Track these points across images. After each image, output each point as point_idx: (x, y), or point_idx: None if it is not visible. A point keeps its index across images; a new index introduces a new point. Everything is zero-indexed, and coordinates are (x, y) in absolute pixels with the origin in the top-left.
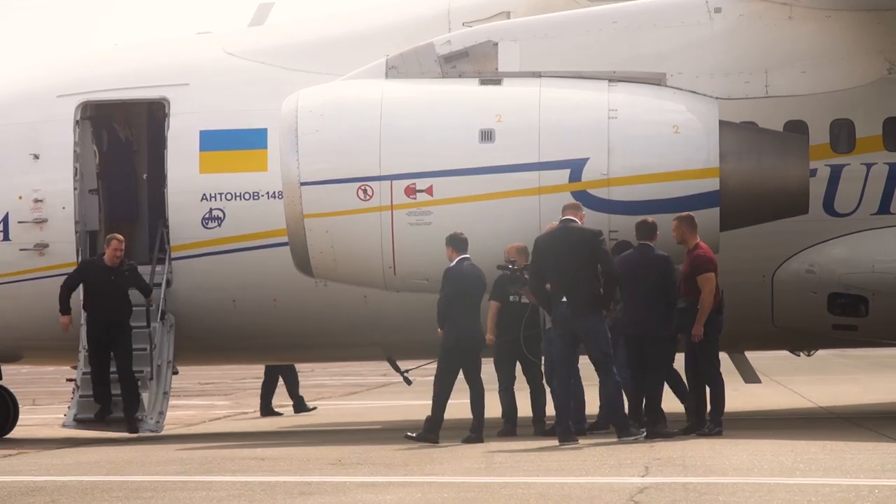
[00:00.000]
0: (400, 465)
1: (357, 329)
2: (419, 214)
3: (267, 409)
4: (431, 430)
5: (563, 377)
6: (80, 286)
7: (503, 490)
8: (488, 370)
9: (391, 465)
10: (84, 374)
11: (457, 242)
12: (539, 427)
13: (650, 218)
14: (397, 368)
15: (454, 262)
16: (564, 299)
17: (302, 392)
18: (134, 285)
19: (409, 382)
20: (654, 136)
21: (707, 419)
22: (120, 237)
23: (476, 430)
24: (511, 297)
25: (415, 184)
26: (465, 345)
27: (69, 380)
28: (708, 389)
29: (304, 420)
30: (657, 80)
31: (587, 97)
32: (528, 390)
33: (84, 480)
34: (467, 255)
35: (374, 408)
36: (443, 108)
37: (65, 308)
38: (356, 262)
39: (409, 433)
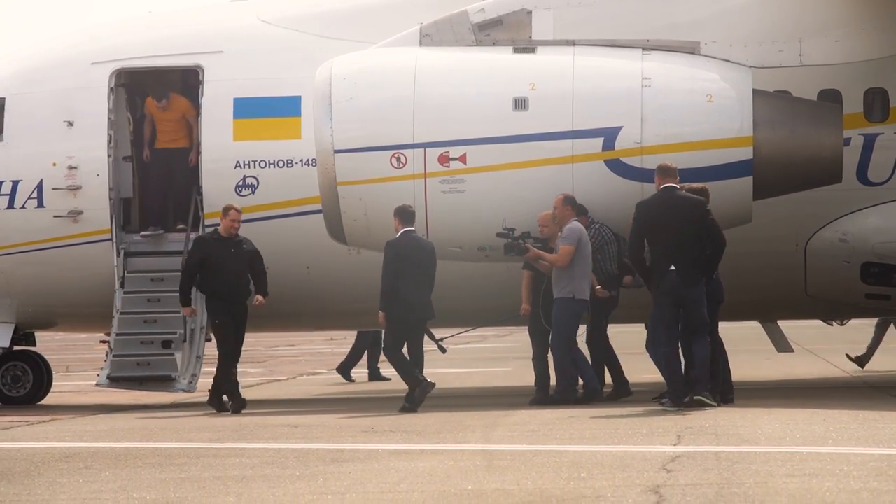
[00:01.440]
0: (432, 433)
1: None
2: (452, 182)
3: (374, 375)
4: (414, 386)
5: (671, 343)
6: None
7: (535, 458)
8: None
9: (423, 433)
10: (118, 335)
11: (403, 214)
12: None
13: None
14: (431, 336)
15: (398, 235)
16: (673, 267)
17: (333, 359)
18: (250, 262)
19: (443, 351)
20: (688, 104)
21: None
22: (238, 207)
23: (411, 400)
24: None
25: (448, 152)
26: (413, 314)
27: (103, 341)
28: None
29: (336, 388)
30: (691, 49)
31: (621, 65)
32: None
33: (117, 447)
34: (412, 228)
35: None
36: (476, 77)
37: (186, 298)
38: (389, 229)
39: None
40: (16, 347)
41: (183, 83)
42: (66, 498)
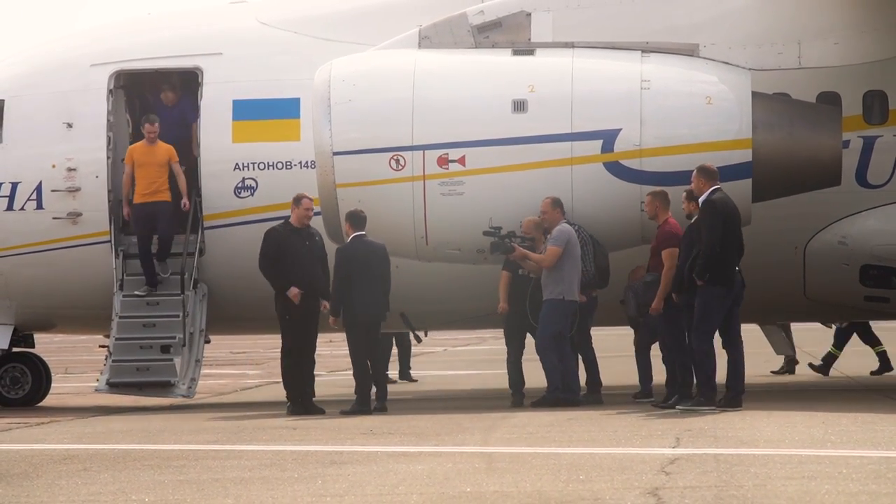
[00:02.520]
0: (431, 435)
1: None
2: (451, 184)
3: (405, 375)
4: (364, 403)
5: (732, 343)
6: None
7: (534, 460)
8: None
9: (422, 435)
10: (117, 339)
11: (354, 219)
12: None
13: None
14: (410, 326)
15: (348, 240)
16: (738, 268)
17: (332, 362)
18: (319, 255)
19: (419, 340)
20: (687, 106)
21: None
22: (310, 196)
23: (378, 400)
24: (520, 272)
25: (447, 154)
26: (365, 319)
27: (102, 346)
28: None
29: (333, 390)
30: (690, 51)
31: (620, 68)
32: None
33: (116, 448)
34: (363, 232)
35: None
36: (475, 79)
37: (280, 282)
38: (388, 231)
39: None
40: (15, 349)
41: (182, 85)
42: (64, 500)
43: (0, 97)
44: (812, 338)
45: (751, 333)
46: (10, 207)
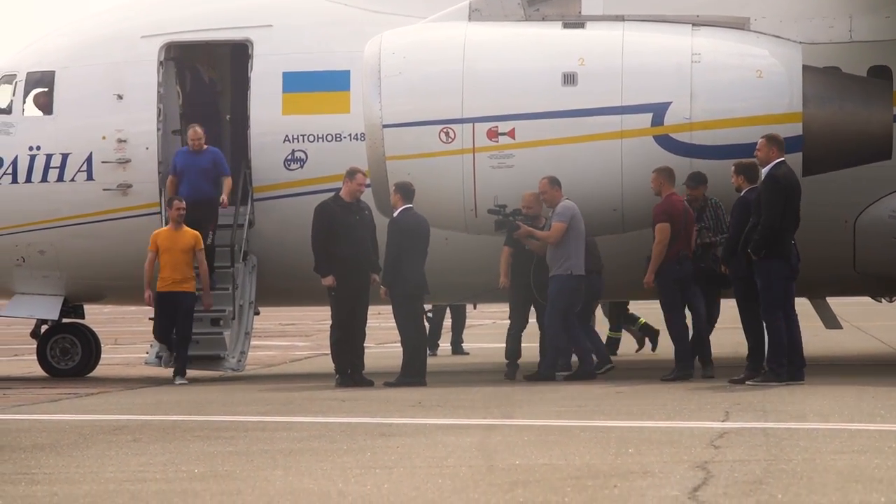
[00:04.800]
0: (480, 408)
1: (437, 271)
2: (501, 157)
3: (458, 349)
4: (417, 374)
5: (787, 316)
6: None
7: (583, 433)
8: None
9: (471, 408)
10: None
11: (404, 190)
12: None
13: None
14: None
15: (398, 212)
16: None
17: (381, 334)
18: (369, 229)
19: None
20: (737, 80)
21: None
22: (364, 170)
23: (412, 375)
24: (527, 248)
25: (497, 126)
26: (414, 291)
27: (151, 318)
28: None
29: (382, 363)
30: (741, 25)
31: (670, 41)
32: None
33: (166, 420)
34: (412, 205)
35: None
36: (526, 52)
37: (325, 268)
38: (437, 204)
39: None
40: (65, 320)
41: (232, 57)
42: (114, 470)
43: (51, 68)
44: (860, 312)
45: (799, 307)
46: (60, 178)
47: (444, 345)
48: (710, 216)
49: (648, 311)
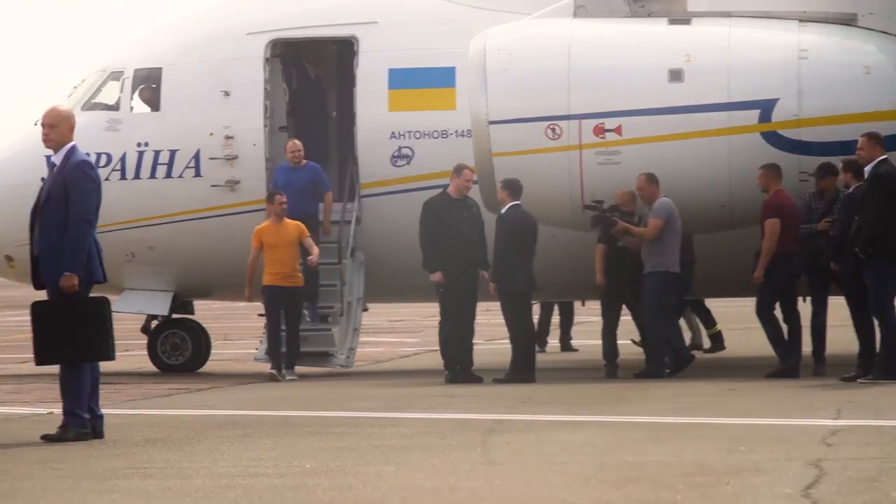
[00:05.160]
0: (590, 405)
1: (545, 268)
2: (608, 154)
3: (566, 346)
4: (525, 370)
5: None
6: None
7: (694, 431)
8: None
9: (581, 404)
10: None
11: (512, 187)
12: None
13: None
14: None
15: (506, 208)
16: None
17: (489, 331)
18: (477, 225)
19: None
20: (845, 77)
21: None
22: (472, 167)
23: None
24: (619, 244)
25: (603, 123)
26: (523, 288)
27: (261, 314)
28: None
29: (490, 359)
30: (848, 21)
31: (777, 37)
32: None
33: (276, 415)
34: (519, 202)
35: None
36: (631, 48)
37: (433, 264)
38: (544, 201)
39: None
40: (175, 315)
41: (338, 54)
42: (226, 465)
43: (158, 65)
44: None
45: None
46: (168, 175)
47: (553, 341)
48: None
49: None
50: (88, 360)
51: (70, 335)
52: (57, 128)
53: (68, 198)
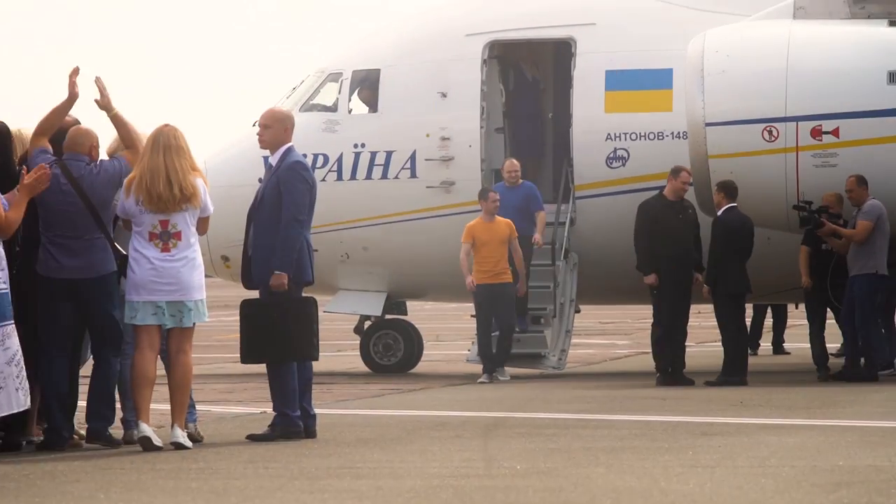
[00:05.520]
0: (801, 408)
1: (759, 270)
2: (825, 156)
3: (779, 349)
4: (738, 373)
5: None
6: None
7: None
8: None
9: (793, 408)
10: None
11: (728, 189)
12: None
13: None
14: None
15: (723, 211)
16: None
17: (701, 333)
18: (693, 227)
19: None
20: None
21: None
22: (689, 169)
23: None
24: (823, 246)
25: (821, 125)
26: (738, 291)
27: (473, 315)
28: None
29: (704, 362)
30: None
31: None
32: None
33: (487, 416)
34: (735, 204)
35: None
36: (850, 50)
37: (647, 265)
38: (760, 203)
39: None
40: (388, 316)
41: (555, 55)
42: (438, 465)
43: (376, 66)
44: None
45: None
46: (384, 176)
47: (766, 344)
48: None
49: None
50: (292, 360)
51: (276, 334)
52: (270, 128)
53: (282, 198)
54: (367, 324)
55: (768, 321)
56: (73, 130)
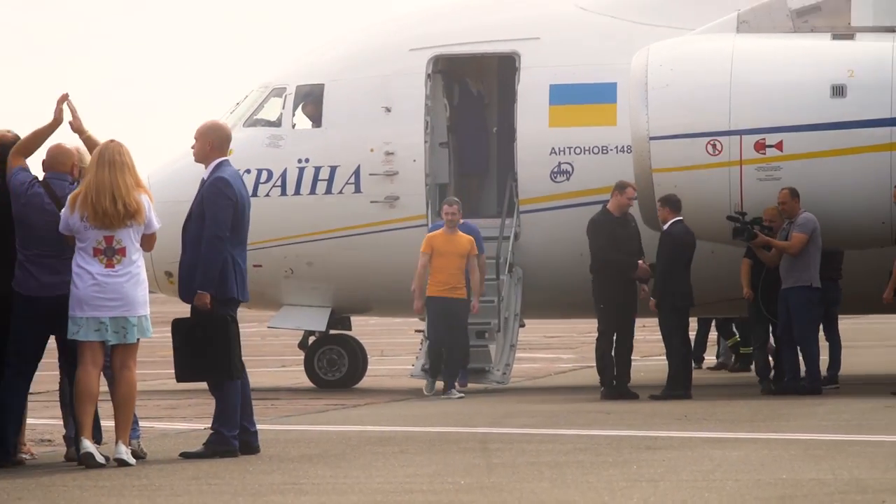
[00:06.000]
0: (745, 421)
1: (703, 283)
2: (768, 170)
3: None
4: (682, 387)
5: None
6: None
7: (850, 448)
8: None
9: (737, 421)
10: None
11: (672, 203)
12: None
13: None
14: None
15: (670, 224)
16: None
17: (646, 347)
18: (636, 241)
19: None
20: None
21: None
22: (634, 185)
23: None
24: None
25: (765, 139)
26: (682, 304)
27: (418, 330)
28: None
29: (648, 376)
30: None
31: None
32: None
33: (431, 431)
34: (681, 217)
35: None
36: (794, 63)
37: (631, 264)
38: (705, 216)
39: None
40: (332, 331)
41: (499, 70)
42: (381, 481)
43: (320, 81)
44: None
45: None
46: (328, 191)
47: (710, 357)
48: None
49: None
50: (216, 379)
51: (196, 353)
52: (197, 143)
53: (204, 215)
54: (312, 339)
55: (713, 335)
56: (55, 149)
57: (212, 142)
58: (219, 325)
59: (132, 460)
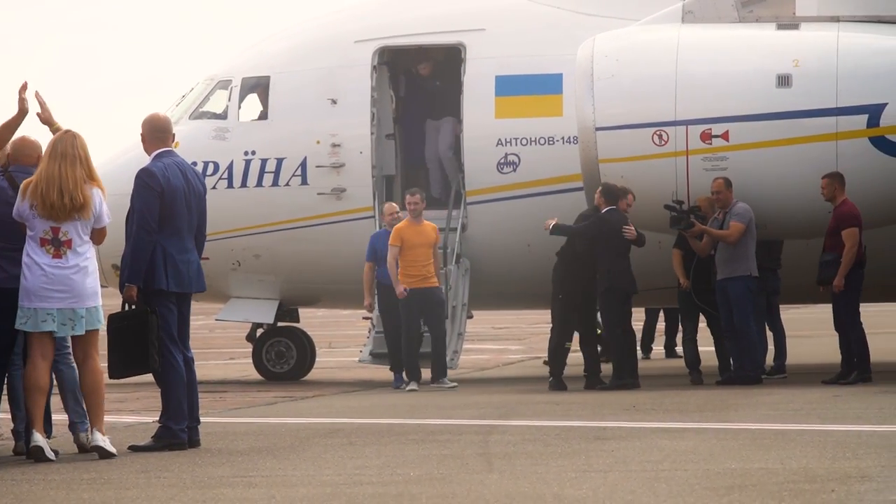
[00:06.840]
0: (694, 411)
1: (645, 275)
2: (715, 160)
3: (671, 352)
4: (628, 375)
5: None
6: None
7: (799, 437)
8: None
9: (685, 411)
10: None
11: (608, 193)
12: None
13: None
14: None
15: (604, 212)
16: None
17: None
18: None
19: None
20: None
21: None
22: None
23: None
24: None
25: (711, 129)
26: (624, 288)
27: (365, 318)
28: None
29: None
30: None
31: (887, 42)
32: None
33: (381, 423)
34: (615, 206)
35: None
36: (739, 53)
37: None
38: (651, 207)
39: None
40: (280, 324)
41: (445, 61)
42: (331, 473)
43: (266, 73)
44: None
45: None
46: (275, 183)
47: (658, 348)
48: None
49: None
50: (137, 373)
51: (123, 346)
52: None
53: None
54: (260, 331)
55: (660, 325)
56: (19, 141)
57: (143, 134)
58: (139, 318)
59: (112, 448)
